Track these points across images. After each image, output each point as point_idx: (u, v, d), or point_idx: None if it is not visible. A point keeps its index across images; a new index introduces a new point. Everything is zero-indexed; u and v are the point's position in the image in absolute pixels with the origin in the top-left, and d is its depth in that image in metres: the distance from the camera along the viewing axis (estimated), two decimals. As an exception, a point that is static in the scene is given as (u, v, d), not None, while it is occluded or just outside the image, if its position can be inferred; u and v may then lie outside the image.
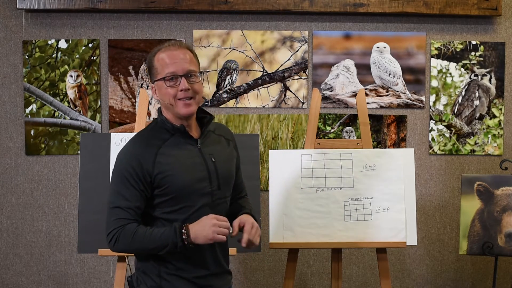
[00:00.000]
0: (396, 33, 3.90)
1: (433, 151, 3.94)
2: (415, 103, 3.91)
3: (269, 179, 3.01)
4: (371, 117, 3.84)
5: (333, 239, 2.96)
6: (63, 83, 3.84)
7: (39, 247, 3.89)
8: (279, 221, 2.97)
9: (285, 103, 3.89)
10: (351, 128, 3.91)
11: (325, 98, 3.89)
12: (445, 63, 3.92)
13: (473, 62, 3.92)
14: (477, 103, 3.93)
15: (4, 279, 3.89)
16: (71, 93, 3.84)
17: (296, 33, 3.87)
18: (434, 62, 3.92)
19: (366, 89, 3.89)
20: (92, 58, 3.84)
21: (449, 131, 3.93)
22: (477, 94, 3.93)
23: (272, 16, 3.87)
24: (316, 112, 3.05)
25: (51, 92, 3.84)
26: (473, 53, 3.91)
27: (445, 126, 3.93)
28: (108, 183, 2.26)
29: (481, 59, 3.92)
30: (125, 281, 2.94)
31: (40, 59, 3.83)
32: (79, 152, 3.58)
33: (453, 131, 3.93)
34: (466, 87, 3.93)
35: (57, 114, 3.85)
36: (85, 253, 3.26)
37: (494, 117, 3.93)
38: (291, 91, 3.89)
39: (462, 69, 3.92)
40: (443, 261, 3.99)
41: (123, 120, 3.86)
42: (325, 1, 3.77)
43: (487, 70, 3.92)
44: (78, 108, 3.85)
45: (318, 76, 3.89)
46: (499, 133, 3.94)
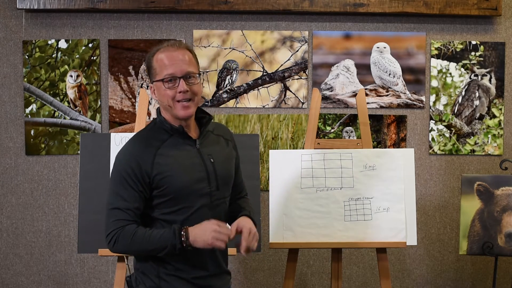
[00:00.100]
0: (396, 33, 3.90)
1: (433, 151, 3.94)
2: (415, 103, 3.91)
3: (269, 179, 3.01)
4: (371, 117, 3.84)
5: (333, 239, 2.96)
6: (63, 83, 3.84)
7: (39, 247, 3.89)
8: (279, 221, 2.96)
9: (285, 103, 3.89)
10: (351, 128, 3.91)
11: (325, 98, 3.89)
12: (445, 63, 3.92)
13: (473, 62, 3.92)
14: (477, 103, 3.93)
15: (4, 279, 3.89)
16: (71, 93, 3.84)
17: (296, 33, 3.87)
18: (434, 62, 3.92)
19: (366, 89, 3.88)
20: (92, 58, 3.84)
21: (449, 131, 3.93)
22: (477, 94, 3.93)
23: (272, 16, 3.87)
24: (316, 112, 3.05)
25: (51, 92, 3.84)
26: (473, 53, 3.91)
27: (445, 126, 3.93)
28: (108, 183, 2.26)
29: (481, 59, 3.92)
30: (125, 281, 2.94)
31: (40, 59, 3.83)
32: (79, 152, 3.58)
33: (453, 131, 3.93)
34: (466, 87, 3.93)
35: (57, 114, 3.85)
36: (85, 253, 3.25)
37: (494, 117, 3.93)
38: (291, 91, 3.88)
39: (462, 69, 3.92)
40: (443, 261, 3.99)
41: (123, 120, 3.86)
42: (325, 1, 3.77)
43: (487, 70, 3.92)
44: (78, 108, 3.85)
45: (318, 76, 3.89)
46: (499, 133, 3.94)
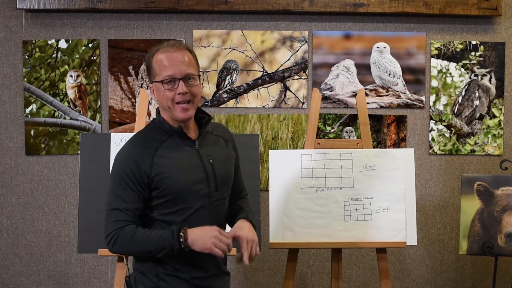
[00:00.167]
0: (396, 33, 3.90)
1: (433, 151, 3.94)
2: (415, 103, 3.91)
3: (269, 179, 3.01)
4: (371, 117, 3.84)
5: (333, 239, 2.96)
6: (63, 83, 3.84)
7: (39, 247, 3.89)
8: (279, 221, 2.96)
9: (285, 103, 3.89)
10: (351, 128, 3.91)
11: (325, 98, 3.89)
12: (445, 63, 3.92)
13: (473, 62, 3.92)
14: (477, 103, 3.93)
15: (4, 279, 3.89)
16: (71, 93, 3.84)
17: (296, 33, 3.87)
18: (434, 62, 3.91)
19: (366, 89, 3.88)
20: (92, 58, 3.84)
21: (449, 131, 3.93)
22: (477, 94, 3.93)
23: (272, 16, 3.87)
24: (316, 112, 3.05)
25: (51, 92, 3.84)
26: (473, 53, 3.91)
27: (445, 126, 3.93)
28: (107, 183, 2.26)
29: (481, 59, 3.92)
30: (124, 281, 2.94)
31: (40, 59, 3.83)
32: (79, 152, 3.58)
33: (453, 131, 3.93)
34: (466, 87, 3.93)
35: (57, 114, 3.85)
36: (85, 253, 3.25)
37: (494, 117, 3.93)
38: (291, 91, 3.88)
39: (462, 69, 3.92)
40: (443, 261, 3.99)
41: (123, 120, 3.86)
42: (325, 1, 3.77)
43: (487, 70, 3.92)
44: (78, 108, 3.85)
45: (318, 76, 3.89)
46: (499, 133, 3.93)
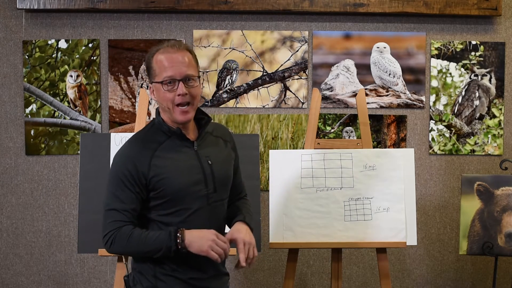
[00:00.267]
0: (396, 33, 3.90)
1: (433, 151, 3.94)
2: (415, 103, 3.91)
3: (269, 179, 3.01)
4: (371, 117, 3.84)
5: (333, 239, 2.96)
6: (63, 83, 3.84)
7: (39, 247, 3.89)
8: (279, 221, 2.96)
9: (285, 103, 3.89)
10: (351, 128, 3.91)
11: (325, 98, 3.89)
12: (445, 63, 3.92)
13: (473, 62, 3.92)
14: (477, 103, 3.93)
15: (4, 279, 3.89)
16: (71, 93, 3.84)
17: (296, 33, 3.87)
18: (434, 62, 3.91)
19: (366, 89, 3.88)
20: (92, 58, 3.84)
21: (449, 131, 3.93)
22: (477, 94, 3.93)
23: (272, 16, 3.87)
24: (316, 112, 3.05)
25: (51, 92, 3.84)
26: (473, 53, 3.91)
27: (445, 126, 3.93)
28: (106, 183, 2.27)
29: (481, 59, 3.92)
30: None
31: (40, 59, 3.83)
32: (79, 152, 3.58)
33: (453, 131, 3.93)
34: (466, 87, 3.93)
35: (57, 114, 3.85)
36: (85, 253, 3.25)
37: (494, 117, 3.93)
38: (291, 91, 3.88)
39: (462, 69, 3.92)
40: (443, 261, 3.99)
41: (123, 120, 3.86)
42: (325, 1, 3.77)
43: (487, 70, 3.92)
44: (78, 108, 3.85)
45: (318, 76, 3.89)
46: (499, 133, 3.93)
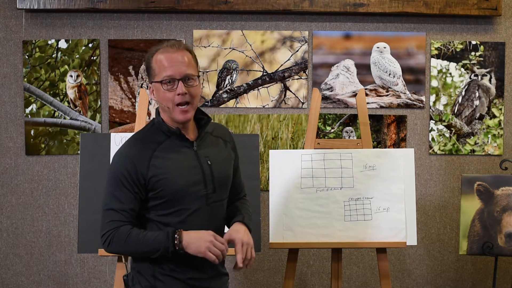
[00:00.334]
0: (396, 33, 3.90)
1: (433, 151, 3.94)
2: (415, 103, 3.91)
3: (269, 179, 3.01)
4: (371, 117, 3.84)
5: (333, 239, 2.96)
6: (63, 83, 3.84)
7: (39, 247, 3.89)
8: (279, 221, 2.96)
9: (285, 103, 3.89)
10: (351, 128, 3.91)
11: (325, 98, 3.89)
12: (445, 63, 3.92)
13: (473, 62, 3.92)
14: (477, 103, 3.93)
15: (4, 279, 3.89)
16: (71, 93, 3.84)
17: (296, 33, 3.87)
18: (434, 62, 3.91)
19: (366, 89, 3.88)
20: (92, 58, 3.84)
21: (449, 131, 3.93)
22: (477, 94, 3.93)
23: (272, 16, 3.87)
24: (316, 112, 3.05)
25: (51, 92, 3.84)
26: (473, 53, 3.91)
27: (445, 126, 3.93)
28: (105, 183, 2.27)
29: (481, 59, 3.92)
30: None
31: (40, 59, 3.83)
32: (79, 152, 3.58)
33: (453, 131, 3.93)
34: (466, 87, 3.93)
35: (57, 114, 3.85)
36: (85, 253, 3.25)
37: (494, 117, 3.93)
38: (291, 91, 3.88)
39: (462, 69, 3.92)
40: (443, 261, 3.99)
41: (123, 120, 3.86)
42: (325, 1, 3.77)
43: (487, 70, 3.92)
44: (78, 108, 3.85)
45: (318, 76, 3.89)
46: (499, 133, 3.94)
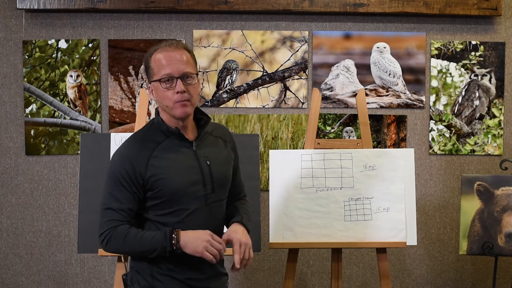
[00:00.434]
0: (396, 33, 3.90)
1: (433, 151, 3.94)
2: (415, 103, 3.91)
3: (269, 179, 3.01)
4: (371, 117, 3.84)
5: (333, 239, 2.96)
6: (63, 83, 3.84)
7: (39, 247, 3.89)
8: (279, 221, 2.97)
9: (285, 103, 3.89)
10: (351, 128, 3.91)
11: (325, 98, 3.89)
12: (445, 63, 3.92)
13: (473, 62, 3.92)
14: (477, 103, 3.93)
15: (4, 279, 3.89)
16: (71, 93, 3.84)
17: (296, 33, 3.87)
18: (434, 62, 3.91)
19: (366, 89, 3.88)
20: (92, 58, 3.84)
21: (449, 131, 3.93)
22: (477, 94, 3.93)
23: (272, 16, 3.87)
24: (316, 112, 3.05)
25: (51, 92, 3.84)
26: (473, 53, 3.91)
27: (445, 126, 3.93)
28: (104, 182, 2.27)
29: (481, 59, 3.92)
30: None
31: (40, 59, 3.83)
32: (79, 152, 3.58)
33: (453, 131, 3.93)
34: (466, 87, 3.93)
35: (57, 114, 3.85)
36: (85, 253, 3.25)
37: (494, 117, 3.93)
38: (291, 91, 3.88)
39: (462, 69, 3.92)
40: (443, 261, 3.99)
41: (123, 120, 3.86)
42: (325, 1, 3.77)
43: (487, 70, 3.92)
44: (78, 108, 3.85)
45: (318, 76, 3.89)
46: (499, 133, 3.94)
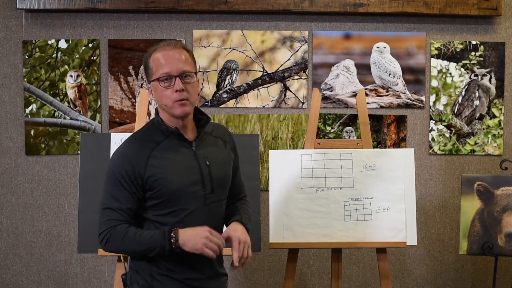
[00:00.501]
0: (396, 33, 3.90)
1: (433, 151, 3.94)
2: (415, 103, 3.91)
3: (269, 179, 3.01)
4: (371, 117, 3.84)
5: (333, 239, 2.96)
6: (63, 83, 3.84)
7: (39, 247, 3.89)
8: (279, 221, 2.97)
9: (285, 103, 3.89)
10: (351, 128, 3.91)
11: (325, 98, 3.89)
12: (445, 63, 3.92)
13: (473, 62, 3.92)
14: (477, 103, 3.93)
15: (4, 279, 3.89)
16: (71, 93, 3.84)
17: (296, 33, 3.87)
18: (434, 62, 3.92)
19: (366, 89, 3.88)
20: (92, 58, 3.84)
21: (449, 131, 3.93)
22: (477, 94, 3.93)
23: (272, 16, 3.87)
24: (316, 112, 3.05)
25: (51, 92, 3.84)
26: (473, 53, 3.91)
27: (445, 126, 3.93)
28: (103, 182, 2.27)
29: (481, 59, 3.92)
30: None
31: (40, 59, 3.83)
32: (79, 152, 3.58)
33: (453, 131, 3.93)
34: (466, 87, 3.93)
35: (57, 114, 3.85)
36: (85, 253, 3.25)
37: (494, 117, 3.93)
38: (291, 91, 3.88)
39: (462, 69, 3.92)
40: (443, 261, 3.99)
41: (123, 120, 3.86)
42: (325, 1, 3.77)
43: (487, 70, 3.92)
44: (78, 108, 3.85)
45: (318, 76, 3.89)
46: (499, 133, 3.94)
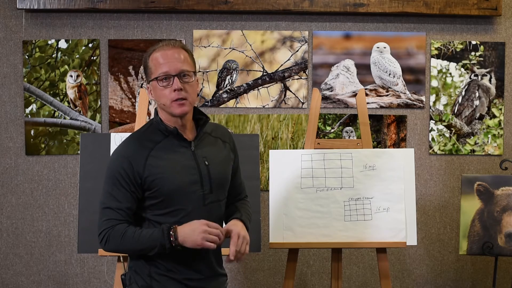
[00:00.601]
0: (396, 33, 3.90)
1: (433, 151, 3.94)
2: (415, 103, 3.91)
3: (269, 179, 3.02)
4: (371, 117, 3.84)
5: (333, 239, 2.96)
6: (63, 83, 3.84)
7: (39, 247, 3.89)
8: (279, 221, 2.97)
9: (285, 103, 3.89)
10: (351, 128, 3.91)
11: (325, 98, 3.89)
12: (445, 63, 3.92)
13: (473, 62, 3.92)
14: (477, 103, 3.93)
15: (4, 279, 3.89)
16: (71, 93, 3.85)
17: (296, 33, 3.87)
18: (434, 62, 3.92)
19: (366, 89, 3.88)
20: (92, 58, 3.84)
21: (449, 131, 3.93)
22: (477, 94, 3.93)
23: (272, 16, 3.87)
24: (316, 112, 3.05)
25: (51, 92, 3.84)
26: (473, 53, 3.91)
27: (445, 126, 3.93)
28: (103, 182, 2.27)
29: (481, 59, 3.92)
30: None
31: (40, 59, 3.83)
32: (79, 152, 3.58)
33: (453, 131, 3.93)
34: (466, 87, 3.93)
35: (57, 114, 3.85)
36: (85, 253, 3.25)
37: (494, 117, 3.93)
38: (291, 91, 3.88)
39: (462, 69, 3.92)
40: (443, 261, 3.99)
41: (123, 120, 3.86)
42: (325, 1, 3.77)
43: (487, 70, 3.92)
44: (78, 108, 3.85)
45: (318, 76, 3.89)
46: (499, 133, 3.94)
